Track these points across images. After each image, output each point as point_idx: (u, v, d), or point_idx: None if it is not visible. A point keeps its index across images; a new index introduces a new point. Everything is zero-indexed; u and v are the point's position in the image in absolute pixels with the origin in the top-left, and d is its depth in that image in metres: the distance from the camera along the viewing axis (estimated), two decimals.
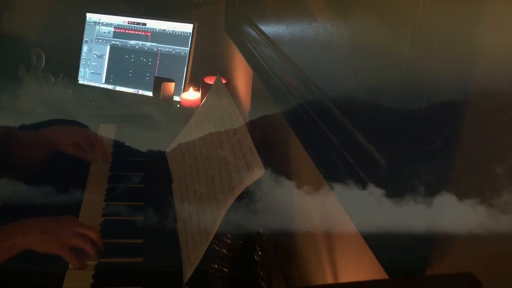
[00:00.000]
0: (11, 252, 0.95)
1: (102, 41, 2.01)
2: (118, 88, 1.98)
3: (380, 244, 0.64)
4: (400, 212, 0.58)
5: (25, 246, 0.96)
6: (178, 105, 1.83)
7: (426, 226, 0.55)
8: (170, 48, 1.91)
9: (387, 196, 0.61)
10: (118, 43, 1.99)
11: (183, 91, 1.85)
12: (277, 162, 1.16)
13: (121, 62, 1.98)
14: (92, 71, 2.02)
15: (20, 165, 1.23)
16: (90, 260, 0.99)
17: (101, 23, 2.01)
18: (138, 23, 1.96)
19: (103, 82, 2.01)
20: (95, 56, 2.02)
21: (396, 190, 0.59)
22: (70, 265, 0.98)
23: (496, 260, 0.48)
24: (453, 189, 0.53)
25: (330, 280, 0.88)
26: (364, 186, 0.67)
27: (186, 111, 1.73)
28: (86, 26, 2.03)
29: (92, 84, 2.02)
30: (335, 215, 0.81)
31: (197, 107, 1.56)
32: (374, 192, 0.64)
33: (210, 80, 1.70)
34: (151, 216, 1.10)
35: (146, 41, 1.95)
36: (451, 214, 0.52)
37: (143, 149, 1.42)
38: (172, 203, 1.16)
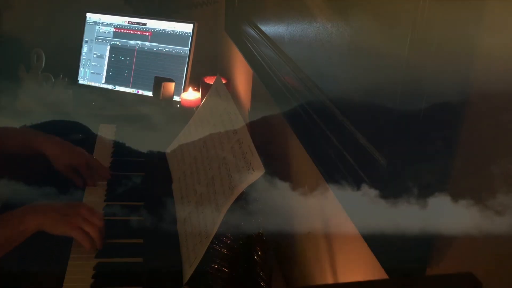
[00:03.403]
0: (25, 234, 0.96)
1: (102, 41, 2.01)
2: (118, 88, 1.98)
3: (380, 244, 0.64)
4: (400, 212, 0.58)
5: (38, 227, 0.97)
6: (178, 105, 1.83)
7: (425, 226, 0.55)
8: (170, 48, 1.91)
9: (387, 196, 0.61)
10: (118, 43, 1.99)
11: (183, 91, 1.85)
12: (277, 162, 1.16)
13: (121, 62, 1.98)
14: (92, 71, 2.02)
15: None
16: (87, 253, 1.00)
17: (101, 23, 2.01)
18: (138, 23, 1.96)
19: (103, 82, 2.01)
20: (95, 56, 2.02)
21: (396, 190, 0.59)
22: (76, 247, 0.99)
23: (496, 260, 0.48)
24: (452, 189, 0.53)
25: (330, 280, 0.88)
26: (364, 186, 0.67)
27: (186, 111, 1.73)
28: (86, 26, 2.03)
29: (92, 84, 2.02)
30: (335, 215, 0.81)
31: (197, 107, 1.56)
32: (374, 192, 0.64)
33: (210, 80, 1.70)
34: (151, 216, 1.10)
35: (146, 41, 1.94)
36: (450, 214, 0.52)
37: (143, 149, 1.41)
38: (172, 203, 1.16)
